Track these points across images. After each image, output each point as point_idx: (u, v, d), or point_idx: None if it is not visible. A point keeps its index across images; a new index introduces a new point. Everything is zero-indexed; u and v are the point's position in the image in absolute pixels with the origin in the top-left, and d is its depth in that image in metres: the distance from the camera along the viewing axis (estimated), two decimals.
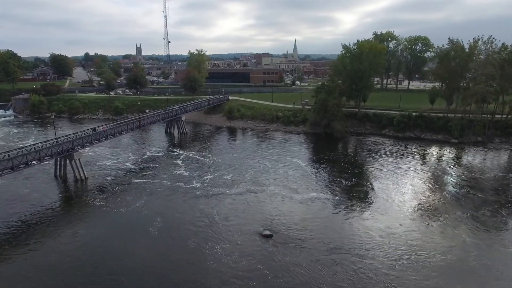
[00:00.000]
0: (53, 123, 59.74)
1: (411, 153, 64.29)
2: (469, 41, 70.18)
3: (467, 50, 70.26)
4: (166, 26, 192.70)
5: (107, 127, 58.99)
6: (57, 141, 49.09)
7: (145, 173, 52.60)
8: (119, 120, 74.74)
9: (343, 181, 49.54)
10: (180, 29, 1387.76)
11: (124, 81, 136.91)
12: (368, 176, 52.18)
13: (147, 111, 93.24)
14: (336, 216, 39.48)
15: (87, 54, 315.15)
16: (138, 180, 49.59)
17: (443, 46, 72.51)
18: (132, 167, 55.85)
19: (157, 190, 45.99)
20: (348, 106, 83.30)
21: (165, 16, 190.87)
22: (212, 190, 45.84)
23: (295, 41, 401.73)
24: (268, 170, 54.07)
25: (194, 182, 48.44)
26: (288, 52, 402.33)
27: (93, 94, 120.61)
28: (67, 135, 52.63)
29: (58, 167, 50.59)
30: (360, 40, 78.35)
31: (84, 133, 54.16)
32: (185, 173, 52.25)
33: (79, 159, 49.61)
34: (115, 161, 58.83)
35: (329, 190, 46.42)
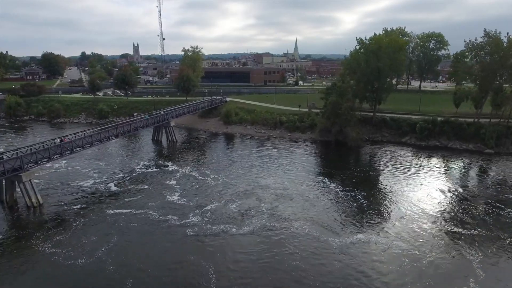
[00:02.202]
0: None
1: (439, 166, 53.04)
2: (507, 33, 58.54)
3: (505, 44, 58.50)
4: (160, 23, 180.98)
5: (74, 137, 47.35)
6: (1, 158, 37.47)
7: (128, 199, 40.15)
8: (104, 124, 63.93)
9: (390, 211, 37.17)
10: (180, 29, 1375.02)
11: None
12: (416, 204, 39.12)
13: (134, 114, 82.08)
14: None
15: (83, 54, 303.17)
16: (115, 211, 37.11)
17: (475, 39, 60.77)
18: (115, 188, 43.50)
19: (137, 228, 33.68)
20: (361, 109, 71.45)
21: (159, 12, 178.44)
22: (212, 228, 33.28)
23: (296, 40, 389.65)
24: (290, 194, 41.41)
25: (191, 214, 36.01)
26: (289, 52, 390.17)
27: (78, 95, 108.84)
28: (17, 149, 40.67)
29: (4, 190, 38.85)
30: (377, 34, 66.37)
31: (43, 146, 42.43)
32: (180, 200, 39.64)
33: (30, 180, 37.90)
34: (96, 180, 46.26)
35: (381, 230, 33.21)
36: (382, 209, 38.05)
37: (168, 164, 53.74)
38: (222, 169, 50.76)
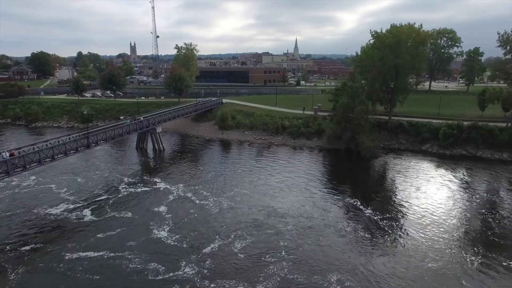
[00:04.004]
0: None
1: (471, 180, 44.21)
2: None
3: None
4: (153, 19, 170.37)
5: (33, 148, 38.01)
6: None
7: (102, 234, 30.36)
8: (88, 129, 54.94)
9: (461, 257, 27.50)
10: (180, 29, 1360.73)
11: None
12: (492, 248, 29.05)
13: (121, 117, 72.98)
14: None
15: (80, 53, 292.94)
16: (79, 254, 27.43)
17: None
18: (90, 218, 33.74)
19: (100, 285, 24.16)
20: (374, 112, 61.87)
21: (153, 7, 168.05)
22: (211, 287, 23.75)
23: (296, 39, 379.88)
24: (316, 226, 31.57)
25: (183, 262, 26.35)
26: (289, 51, 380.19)
27: (64, 96, 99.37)
28: None
29: None
30: (395, 25, 56.66)
31: None
32: (171, 239, 29.77)
33: None
34: (69, 205, 36.53)
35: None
36: (445, 251, 27.90)
37: (156, 180, 44.04)
38: (223, 188, 41.15)
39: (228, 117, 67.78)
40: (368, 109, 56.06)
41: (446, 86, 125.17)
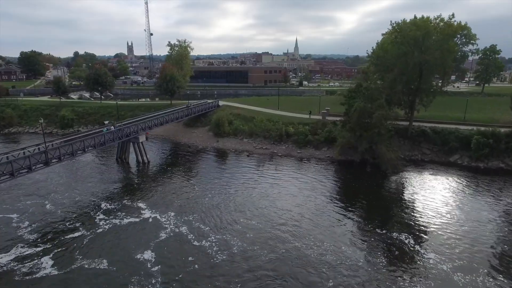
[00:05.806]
0: None
1: None
2: None
3: None
4: (147, 16, 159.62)
5: None
6: None
7: None
8: (68, 135, 48.66)
9: None
10: (179, 29, 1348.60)
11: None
12: None
13: (106, 122, 64.13)
14: None
15: (76, 53, 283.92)
16: None
17: None
18: (49, 270, 24.35)
19: None
20: (396, 118, 52.26)
21: (146, 3, 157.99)
22: None
23: (296, 39, 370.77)
24: (367, 283, 22.86)
25: None
26: (289, 51, 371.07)
27: (46, 97, 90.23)
28: None
29: None
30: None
31: None
32: None
33: None
34: (24, 249, 27.18)
35: None
36: None
37: (140, 206, 34.79)
38: (225, 218, 31.93)
39: (225, 123, 58.67)
40: (388, 114, 46.99)
41: (458, 87, 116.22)
